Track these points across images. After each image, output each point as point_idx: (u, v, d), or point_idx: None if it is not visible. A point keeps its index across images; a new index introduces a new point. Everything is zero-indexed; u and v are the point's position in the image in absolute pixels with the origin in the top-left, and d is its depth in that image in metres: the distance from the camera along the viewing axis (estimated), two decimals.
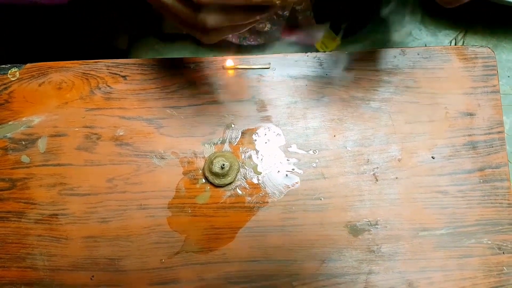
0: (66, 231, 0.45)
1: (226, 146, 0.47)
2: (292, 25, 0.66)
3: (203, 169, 0.46)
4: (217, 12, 0.28)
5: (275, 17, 0.63)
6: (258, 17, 0.29)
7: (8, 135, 0.47)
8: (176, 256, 0.44)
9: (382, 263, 0.44)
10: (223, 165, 0.43)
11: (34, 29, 0.68)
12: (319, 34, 0.70)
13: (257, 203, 0.45)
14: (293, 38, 0.68)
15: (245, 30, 0.32)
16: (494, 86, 0.47)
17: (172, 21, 0.31)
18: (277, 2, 0.27)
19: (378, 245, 0.44)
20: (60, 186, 0.46)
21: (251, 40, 0.67)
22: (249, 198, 0.46)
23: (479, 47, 0.48)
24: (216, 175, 0.44)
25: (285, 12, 0.63)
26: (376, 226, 0.45)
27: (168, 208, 0.45)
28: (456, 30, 0.95)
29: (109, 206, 0.45)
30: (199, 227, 0.45)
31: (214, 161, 0.44)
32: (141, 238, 0.45)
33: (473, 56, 0.48)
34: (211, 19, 0.28)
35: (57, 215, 0.45)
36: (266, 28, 0.61)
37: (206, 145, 0.47)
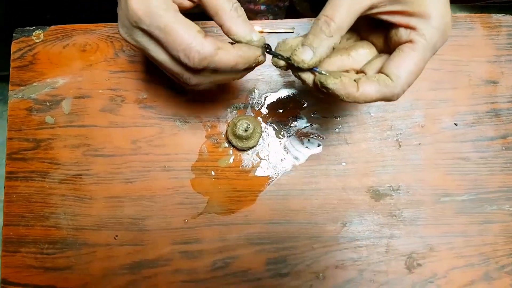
0: (90, 191, 0.45)
1: (249, 111, 0.47)
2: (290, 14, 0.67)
3: (226, 132, 0.46)
4: (204, 74, 0.32)
5: (276, 8, 0.64)
6: (239, 76, 0.34)
7: (33, 96, 0.47)
8: (199, 217, 0.45)
9: (403, 227, 0.44)
10: (248, 126, 0.43)
11: None
12: None
13: (279, 166, 0.46)
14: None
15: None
16: None
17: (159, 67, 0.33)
18: (254, 64, 0.32)
19: (400, 209, 0.45)
20: (84, 147, 0.46)
21: None
22: (271, 162, 0.46)
23: (503, 15, 0.48)
24: (239, 137, 0.44)
25: (286, 3, 0.64)
26: (398, 191, 0.45)
27: (192, 170, 0.46)
28: (471, 12, 0.94)
29: (133, 167, 0.46)
30: (222, 189, 0.45)
31: (238, 124, 0.44)
32: (164, 199, 0.45)
33: (497, 24, 0.47)
34: (195, 80, 0.32)
35: (81, 175, 0.46)
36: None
37: (229, 109, 0.47)
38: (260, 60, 0.33)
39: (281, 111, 0.47)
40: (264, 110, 0.47)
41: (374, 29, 0.33)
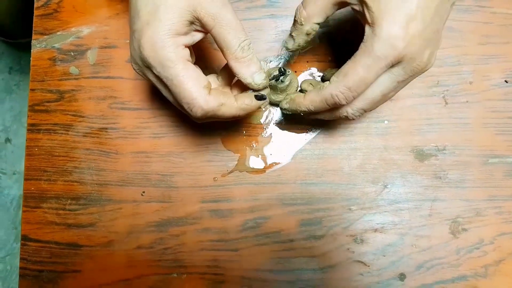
0: (116, 145, 0.43)
1: (283, 64, 0.44)
2: None
3: None
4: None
5: None
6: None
7: (56, 45, 0.45)
8: (229, 175, 0.42)
9: (448, 190, 0.42)
10: (284, 71, 0.39)
11: None
12: None
13: (315, 125, 0.43)
14: None
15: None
16: None
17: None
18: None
19: (445, 171, 0.42)
20: (110, 100, 0.44)
21: None
22: (307, 119, 0.43)
23: None
24: (274, 88, 0.41)
25: None
26: (444, 151, 0.42)
27: (222, 126, 0.43)
28: None
29: (161, 122, 0.43)
30: (253, 147, 0.43)
31: (273, 72, 0.40)
32: (194, 155, 0.43)
33: None
34: (200, 119, 0.33)
35: (106, 129, 0.43)
36: None
37: (262, 62, 0.44)
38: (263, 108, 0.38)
39: (319, 64, 0.44)
40: (300, 64, 0.44)
41: None
